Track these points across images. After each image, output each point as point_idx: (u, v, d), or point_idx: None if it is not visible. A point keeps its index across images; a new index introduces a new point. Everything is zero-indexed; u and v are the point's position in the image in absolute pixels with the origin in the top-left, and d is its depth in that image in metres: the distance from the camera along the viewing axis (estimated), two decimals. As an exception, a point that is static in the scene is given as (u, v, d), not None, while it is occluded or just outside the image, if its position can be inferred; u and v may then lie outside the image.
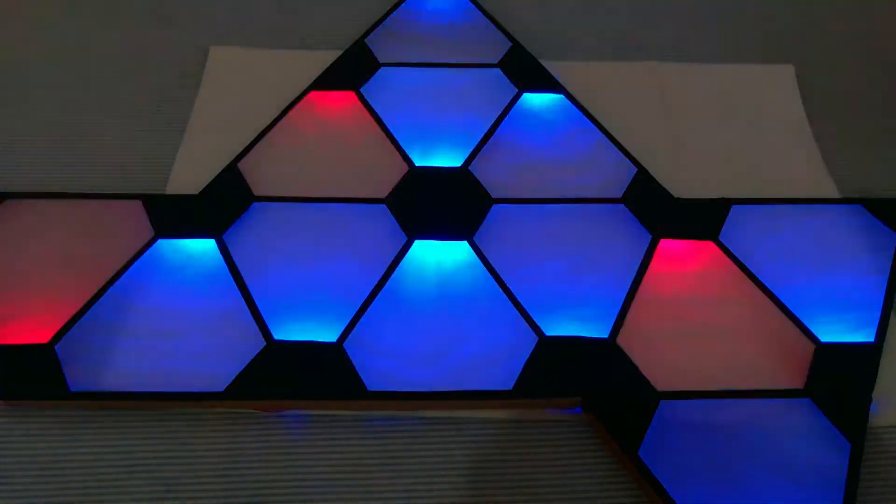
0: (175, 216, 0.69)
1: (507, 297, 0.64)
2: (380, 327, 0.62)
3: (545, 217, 0.70)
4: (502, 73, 0.83)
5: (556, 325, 0.62)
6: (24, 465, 0.56)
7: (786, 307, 0.64)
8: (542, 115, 0.80)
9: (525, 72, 0.83)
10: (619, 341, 0.61)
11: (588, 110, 0.79)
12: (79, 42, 0.89)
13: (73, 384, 0.58)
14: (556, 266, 0.67)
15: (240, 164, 0.74)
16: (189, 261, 0.66)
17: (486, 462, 0.57)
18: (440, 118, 0.79)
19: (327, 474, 0.56)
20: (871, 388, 0.59)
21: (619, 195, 0.72)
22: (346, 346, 0.60)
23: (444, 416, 0.59)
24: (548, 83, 0.82)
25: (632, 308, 0.63)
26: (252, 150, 0.75)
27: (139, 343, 0.61)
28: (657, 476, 0.54)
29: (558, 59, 0.86)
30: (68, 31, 0.90)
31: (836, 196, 0.75)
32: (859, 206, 0.72)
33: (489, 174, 0.73)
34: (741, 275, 0.66)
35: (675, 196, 0.72)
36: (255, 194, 0.71)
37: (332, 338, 0.61)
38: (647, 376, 0.59)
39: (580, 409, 0.59)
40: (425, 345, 0.62)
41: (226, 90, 0.83)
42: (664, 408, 0.57)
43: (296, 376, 0.59)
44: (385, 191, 0.71)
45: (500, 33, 0.89)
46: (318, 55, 0.85)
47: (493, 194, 0.71)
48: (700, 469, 0.55)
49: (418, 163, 0.74)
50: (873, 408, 0.58)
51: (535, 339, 0.61)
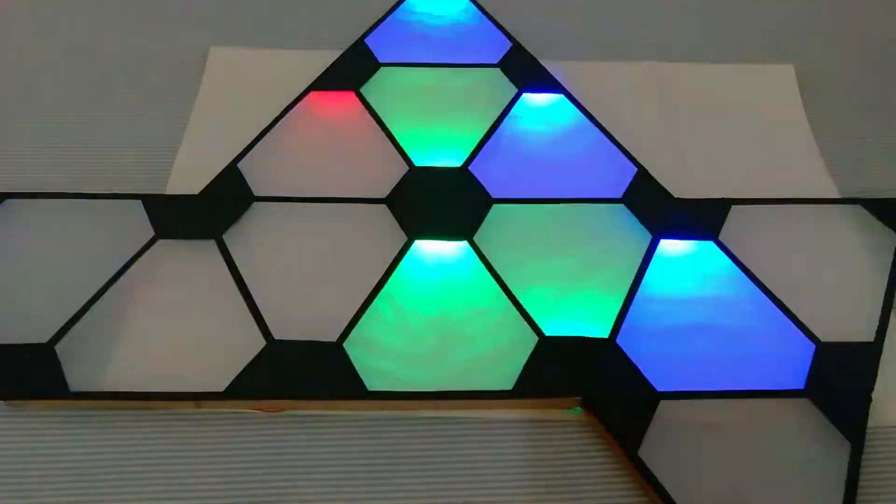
0: (175, 216, 0.69)
1: (507, 297, 0.64)
2: (380, 327, 0.62)
3: (545, 217, 0.70)
4: (502, 73, 0.83)
5: (557, 324, 0.62)
6: (24, 465, 0.56)
7: (786, 307, 0.64)
8: (541, 115, 0.80)
9: (525, 72, 0.83)
10: (619, 341, 0.61)
11: (588, 110, 0.79)
12: (79, 42, 0.89)
13: (73, 384, 0.58)
14: (555, 266, 0.67)
15: (240, 164, 0.74)
16: (189, 261, 0.66)
17: (486, 462, 0.57)
18: (440, 118, 0.79)
19: (327, 474, 0.56)
20: (871, 388, 0.59)
21: (619, 195, 0.72)
22: (346, 346, 0.60)
23: (444, 416, 0.59)
24: (548, 83, 0.82)
25: (632, 308, 0.63)
26: (252, 150, 0.75)
27: (139, 343, 0.61)
28: (657, 476, 0.54)
29: (558, 59, 0.86)
30: (68, 32, 0.90)
31: (836, 196, 0.75)
32: (859, 206, 0.72)
33: (489, 174, 0.73)
34: (741, 275, 0.66)
35: (675, 196, 0.72)
36: (255, 194, 0.71)
37: (332, 337, 0.61)
38: (647, 376, 0.59)
39: (580, 408, 0.59)
40: (425, 345, 0.62)
41: (226, 90, 0.83)
42: (664, 408, 0.57)
43: (296, 376, 0.59)
44: (385, 191, 0.71)
45: (500, 33, 0.88)
46: (318, 55, 0.85)
47: (493, 194, 0.71)
48: (700, 469, 0.55)
49: (418, 163, 0.74)
50: (873, 408, 0.58)
51: (536, 338, 0.61)
